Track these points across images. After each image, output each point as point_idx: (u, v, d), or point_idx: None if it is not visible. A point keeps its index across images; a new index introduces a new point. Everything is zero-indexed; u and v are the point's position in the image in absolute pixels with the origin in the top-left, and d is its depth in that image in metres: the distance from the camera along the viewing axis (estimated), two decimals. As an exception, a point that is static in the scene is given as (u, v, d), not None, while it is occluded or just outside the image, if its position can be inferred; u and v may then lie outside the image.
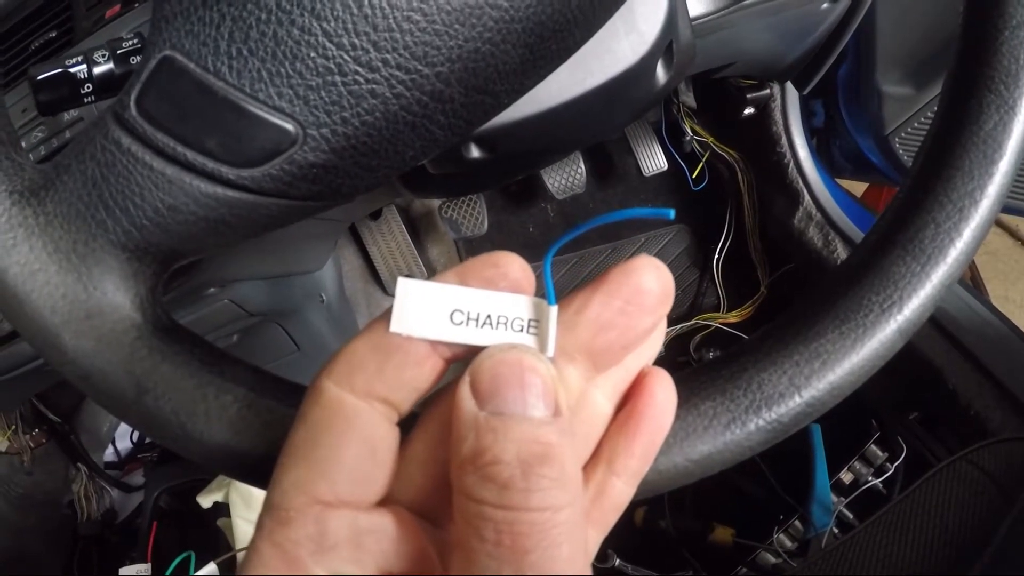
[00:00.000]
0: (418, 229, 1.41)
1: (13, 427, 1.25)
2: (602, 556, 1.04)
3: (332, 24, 0.29)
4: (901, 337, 0.35)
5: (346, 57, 0.30)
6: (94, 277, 0.32)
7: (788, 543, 0.98)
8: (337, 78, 0.30)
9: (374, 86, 0.31)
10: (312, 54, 0.30)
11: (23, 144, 0.59)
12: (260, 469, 0.31)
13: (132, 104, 0.31)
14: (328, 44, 0.30)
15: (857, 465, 1.00)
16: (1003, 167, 0.38)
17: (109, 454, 1.39)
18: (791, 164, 1.18)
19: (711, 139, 1.27)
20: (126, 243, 0.32)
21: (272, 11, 0.29)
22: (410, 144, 0.33)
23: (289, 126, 0.31)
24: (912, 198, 0.38)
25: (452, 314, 0.26)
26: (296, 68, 0.30)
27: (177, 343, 0.33)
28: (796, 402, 0.33)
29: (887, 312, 0.35)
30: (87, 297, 0.32)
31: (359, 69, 0.30)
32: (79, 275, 0.32)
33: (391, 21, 0.30)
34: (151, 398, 0.31)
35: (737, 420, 0.32)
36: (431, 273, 1.40)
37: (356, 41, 0.30)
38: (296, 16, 0.29)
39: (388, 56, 0.30)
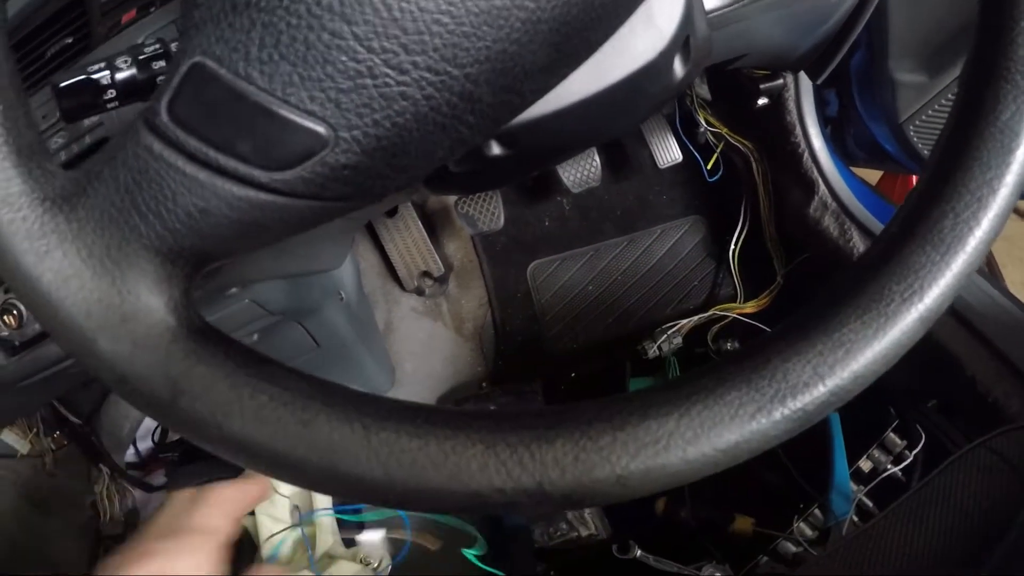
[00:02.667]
0: (434, 225, 1.41)
1: (35, 430, 1.26)
2: (624, 547, 1.04)
3: (362, 28, 0.30)
4: (923, 326, 0.36)
5: (376, 60, 0.30)
6: (128, 281, 0.33)
7: (808, 532, 0.98)
8: (368, 81, 0.31)
9: (404, 88, 0.31)
10: (343, 57, 0.30)
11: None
12: (297, 468, 0.32)
13: (163, 110, 0.31)
14: (358, 47, 0.30)
15: (876, 453, 1.00)
16: (1021, 156, 0.39)
17: (130, 455, 1.40)
18: (806, 154, 1.17)
19: (725, 130, 1.27)
20: (159, 247, 0.33)
21: (302, 16, 0.30)
22: (440, 144, 0.34)
23: (321, 129, 0.31)
24: (931, 188, 0.38)
25: None
26: (327, 72, 0.30)
27: (212, 345, 0.34)
28: (820, 391, 0.34)
29: (908, 301, 0.35)
30: (121, 301, 0.32)
31: (389, 72, 0.31)
32: (113, 280, 0.32)
33: (420, 24, 0.30)
34: (187, 400, 0.32)
35: (763, 409, 0.33)
36: (448, 270, 1.41)
37: (386, 44, 0.30)
38: (326, 20, 0.30)
39: (418, 58, 0.31)
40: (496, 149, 0.51)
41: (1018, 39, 0.40)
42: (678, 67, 0.52)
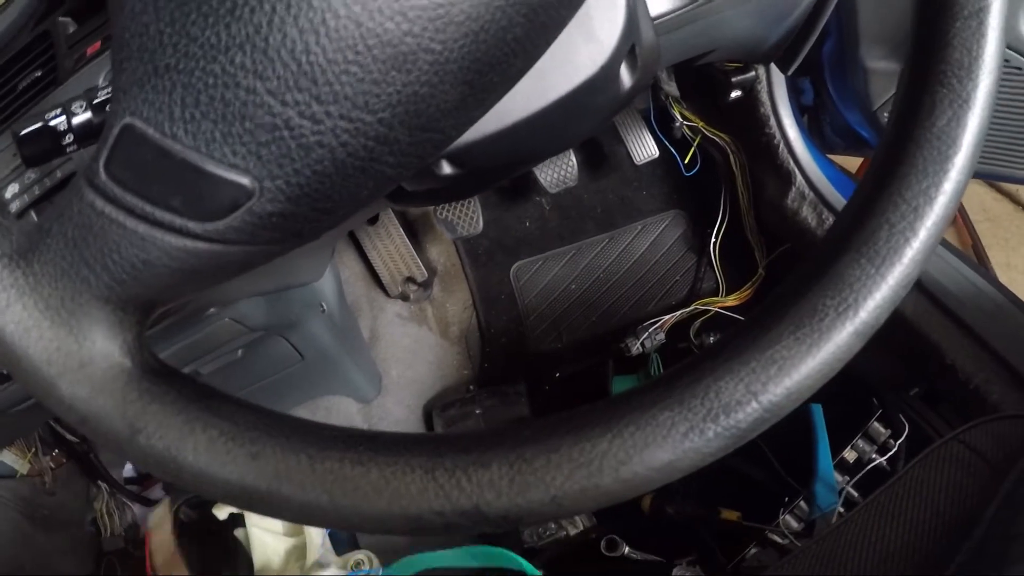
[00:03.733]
0: (416, 231, 1.42)
1: (33, 450, 1.27)
2: (611, 544, 1.05)
3: (274, 83, 0.31)
4: (859, 340, 0.36)
5: (291, 112, 0.31)
6: (83, 329, 0.34)
7: (794, 524, 0.98)
8: (285, 133, 0.32)
9: (320, 137, 0.32)
10: (259, 112, 0.31)
11: (17, 187, 0.61)
12: (249, 498, 0.34)
13: (101, 169, 0.33)
14: (272, 102, 0.31)
15: (860, 443, 1.00)
16: (959, 163, 0.38)
17: (128, 470, 1.41)
18: (781, 145, 1.18)
19: (701, 124, 1.27)
20: (109, 296, 0.34)
21: (218, 75, 0.31)
22: (363, 185, 0.35)
23: (245, 181, 0.32)
24: (867, 198, 0.38)
25: None
26: (246, 127, 0.31)
27: (165, 383, 0.35)
28: (753, 408, 0.34)
29: (842, 315, 0.35)
30: (79, 348, 0.34)
31: (304, 123, 0.32)
32: (70, 328, 0.34)
33: (329, 75, 0.31)
34: (144, 437, 0.34)
35: (695, 428, 0.33)
36: (432, 275, 1.41)
37: (299, 97, 0.31)
38: (240, 78, 0.31)
39: (331, 108, 0.32)
40: (447, 168, 0.51)
41: (953, 41, 0.40)
42: (625, 77, 0.52)
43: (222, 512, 1.13)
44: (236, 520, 1.14)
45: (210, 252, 0.34)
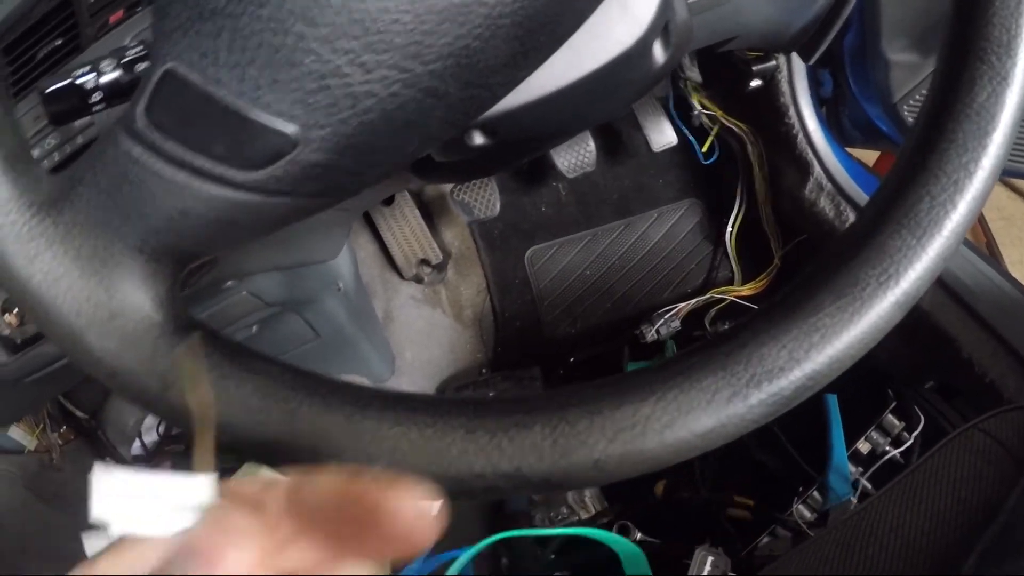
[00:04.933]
0: (431, 213, 1.42)
1: (41, 426, 1.27)
2: (623, 529, 1.05)
3: (325, 30, 0.30)
4: (899, 310, 0.36)
5: (341, 60, 0.31)
6: (115, 280, 0.34)
7: (807, 514, 0.98)
8: (333, 81, 0.31)
9: (370, 86, 0.32)
10: (308, 59, 0.31)
11: (37, 151, 0.61)
12: (283, 455, 0.33)
13: (140, 116, 0.32)
14: (322, 49, 0.31)
15: (874, 435, 1.00)
16: (997, 138, 0.38)
17: (136, 448, 1.41)
18: (800, 135, 1.17)
19: (720, 112, 1.27)
20: (142, 247, 0.34)
21: (267, 21, 0.30)
22: (409, 140, 0.34)
23: (290, 129, 0.32)
24: (907, 172, 0.38)
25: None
26: (294, 74, 0.31)
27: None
28: (796, 375, 0.34)
29: (884, 285, 0.35)
30: (109, 299, 0.34)
31: (354, 71, 0.31)
32: (100, 279, 0.33)
33: (380, 24, 0.31)
34: (175, 393, 0.33)
35: (739, 394, 0.33)
36: (447, 257, 1.41)
37: (349, 44, 0.31)
38: (290, 24, 0.30)
39: (382, 57, 0.31)
40: (478, 139, 0.51)
41: (993, 19, 0.40)
42: (658, 53, 0.52)
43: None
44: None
45: (249, 203, 0.34)
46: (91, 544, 0.27)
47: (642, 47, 0.49)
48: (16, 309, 0.70)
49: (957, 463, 0.64)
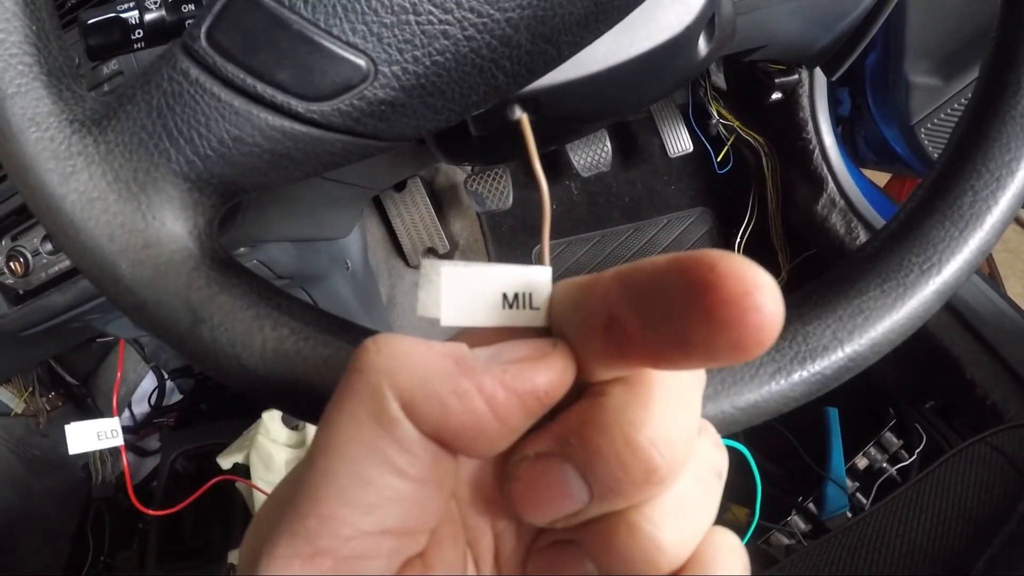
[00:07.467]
0: (441, 202, 1.42)
1: (30, 389, 1.26)
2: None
3: None
4: (939, 299, 0.36)
5: None
6: (153, 207, 0.32)
7: (803, 525, 0.98)
8: (411, 16, 0.30)
9: (447, 27, 0.31)
10: None
11: None
12: (314, 405, 0.32)
13: (203, 35, 0.31)
14: None
15: (872, 451, 1.00)
16: None
17: (125, 418, 1.41)
18: (816, 150, 1.18)
19: (737, 123, 1.28)
20: (188, 173, 0.32)
21: None
22: (475, 88, 0.34)
23: (361, 62, 0.31)
24: (951, 167, 0.39)
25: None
26: (371, 5, 0.30)
27: (235, 276, 0.33)
28: (839, 355, 0.34)
29: (927, 274, 0.36)
30: (145, 226, 0.32)
31: (433, 9, 0.30)
32: (138, 204, 0.32)
33: None
34: (207, 328, 0.32)
35: (783, 370, 0.33)
36: (453, 248, 1.41)
37: None
38: None
39: None
40: (519, 113, 0.51)
41: None
42: (702, 44, 0.52)
43: (226, 461, 1.13)
44: (238, 470, 1.13)
45: (308, 137, 0.33)
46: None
47: (689, 36, 0.50)
48: (21, 258, 0.69)
49: (963, 473, 0.65)
